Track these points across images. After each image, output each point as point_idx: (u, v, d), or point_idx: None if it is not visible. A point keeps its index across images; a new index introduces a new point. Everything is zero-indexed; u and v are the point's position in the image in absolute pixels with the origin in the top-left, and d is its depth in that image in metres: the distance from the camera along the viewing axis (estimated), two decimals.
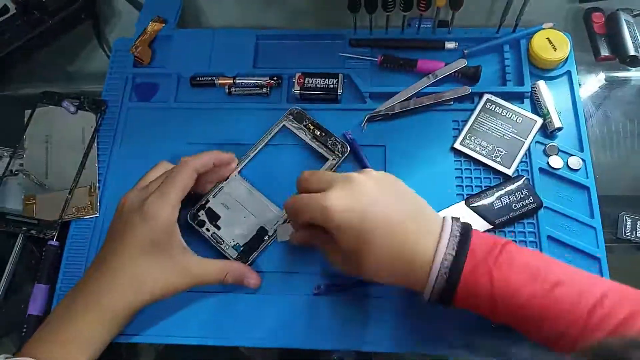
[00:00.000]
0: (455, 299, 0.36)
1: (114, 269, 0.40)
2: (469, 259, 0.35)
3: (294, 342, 0.44)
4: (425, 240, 0.36)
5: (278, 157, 0.51)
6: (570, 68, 0.53)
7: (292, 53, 0.57)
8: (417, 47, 0.56)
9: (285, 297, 0.45)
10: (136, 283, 0.40)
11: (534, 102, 0.52)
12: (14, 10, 0.60)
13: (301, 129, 0.51)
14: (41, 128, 0.55)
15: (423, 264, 0.36)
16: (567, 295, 0.34)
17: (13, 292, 0.50)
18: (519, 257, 0.35)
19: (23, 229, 0.50)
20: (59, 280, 0.48)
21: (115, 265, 0.41)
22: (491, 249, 0.36)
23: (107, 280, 0.40)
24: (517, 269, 0.35)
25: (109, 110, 0.55)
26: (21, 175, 0.53)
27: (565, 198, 0.48)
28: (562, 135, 0.51)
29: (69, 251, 0.49)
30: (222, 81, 0.55)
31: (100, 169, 0.53)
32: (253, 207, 0.48)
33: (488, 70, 0.54)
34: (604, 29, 0.57)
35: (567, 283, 0.34)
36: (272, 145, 0.51)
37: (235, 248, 0.47)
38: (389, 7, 0.52)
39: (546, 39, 0.53)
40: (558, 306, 0.33)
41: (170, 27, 0.59)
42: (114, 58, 0.59)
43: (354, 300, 0.45)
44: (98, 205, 0.51)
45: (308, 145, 0.51)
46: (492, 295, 0.34)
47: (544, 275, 0.35)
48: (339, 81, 0.53)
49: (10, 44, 0.59)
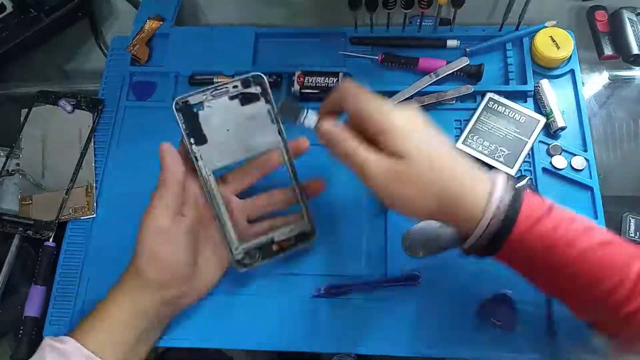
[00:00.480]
0: (509, 242, 0.33)
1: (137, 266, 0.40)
2: (525, 202, 0.33)
3: (293, 345, 0.43)
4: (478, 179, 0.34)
5: None
6: (573, 67, 0.53)
7: (292, 51, 0.56)
8: (418, 46, 0.55)
9: (284, 299, 0.45)
10: (153, 260, 0.39)
11: (537, 101, 0.51)
12: (10, 9, 0.59)
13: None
14: (38, 127, 0.54)
15: (475, 201, 0.33)
16: (618, 253, 0.33)
17: (9, 293, 0.50)
18: (569, 213, 0.34)
19: (19, 230, 0.50)
20: (55, 282, 0.48)
21: (136, 264, 0.40)
22: (543, 201, 0.34)
23: (131, 263, 0.40)
24: (571, 220, 0.33)
25: (106, 109, 0.55)
26: (17, 175, 0.52)
27: (569, 198, 0.48)
28: (565, 134, 0.50)
29: (66, 252, 0.49)
30: (220, 80, 0.54)
31: (97, 168, 0.52)
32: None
33: (490, 69, 0.53)
34: (607, 27, 0.56)
35: (617, 243, 0.33)
36: None
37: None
38: (390, 4, 0.51)
39: (549, 37, 0.52)
40: (612, 261, 0.32)
41: (168, 25, 0.59)
42: (111, 57, 0.58)
43: (353, 303, 0.44)
44: (95, 205, 0.50)
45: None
46: (548, 242, 0.33)
47: (596, 231, 0.34)
48: (339, 80, 0.52)
49: (7, 42, 0.58)
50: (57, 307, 0.47)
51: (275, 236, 0.43)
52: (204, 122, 0.39)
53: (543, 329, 0.43)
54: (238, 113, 0.40)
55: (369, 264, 0.46)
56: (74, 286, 0.47)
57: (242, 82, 0.40)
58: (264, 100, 0.40)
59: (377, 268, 0.46)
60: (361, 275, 0.45)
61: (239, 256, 0.41)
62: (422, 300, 0.44)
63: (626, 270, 0.32)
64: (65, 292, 0.47)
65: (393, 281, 0.45)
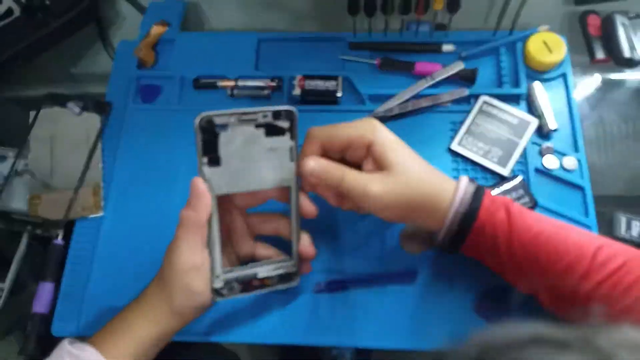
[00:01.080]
0: (472, 234, 0.38)
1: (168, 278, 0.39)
2: (486, 195, 0.39)
3: (293, 339, 0.44)
4: (446, 186, 0.39)
5: None
6: (565, 70, 0.54)
7: (293, 55, 0.58)
8: (415, 50, 0.56)
9: (285, 294, 0.46)
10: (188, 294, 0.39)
11: (529, 104, 0.53)
12: (18, 13, 0.60)
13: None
14: (46, 129, 0.56)
15: (444, 197, 0.38)
16: (575, 235, 0.37)
17: (18, 290, 0.51)
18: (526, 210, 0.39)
19: (28, 228, 0.51)
20: (64, 279, 0.49)
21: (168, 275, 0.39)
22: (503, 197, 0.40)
23: (160, 288, 0.40)
24: (529, 212, 0.39)
25: (113, 111, 0.56)
26: (26, 175, 0.53)
27: (561, 198, 0.49)
28: (557, 136, 0.51)
29: (74, 250, 0.50)
30: (224, 83, 0.56)
31: (105, 169, 0.53)
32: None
33: (485, 73, 0.54)
34: (599, 31, 0.58)
35: (573, 229, 0.38)
36: None
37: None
38: (387, 10, 0.53)
39: (542, 41, 0.53)
40: (568, 242, 0.37)
41: (173, 30, 0.60)
42: (117, 60, 0.60)
43: (352, 298, 0.45)
44: (102, 204, 0.52)
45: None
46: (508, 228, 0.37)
47: (552, 220, 0.39)
48: (338, 83, 0.54)
49: (15, 46, 0.59)
50: (65, 304, 0.48)
51: (259, 272, 0.41)
52: (222, 144, 0.37)
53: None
54: (260, 143, 0.38)
55: (368, 259, 0.47)
56: (82, 283, 0.48)
57: (273, 114, 0.37)
58: (289, 136, 0.38)
59: (376, 264, 0.47)
60: (360, 271, 0.47)
61: (218, 285, 0.39)
62: (420, 295, 0.45)
63: (581, 250, 0.36)
64: (73, 290, 0.48)
65: (391, 276, 0.46)
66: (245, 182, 0.38)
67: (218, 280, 0.39)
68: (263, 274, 0.41)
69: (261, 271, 0.41)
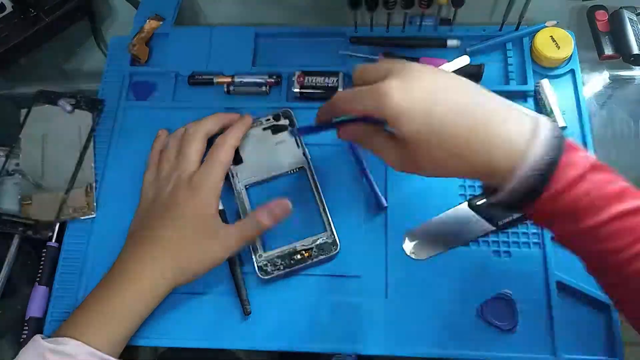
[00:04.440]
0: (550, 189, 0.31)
1: (162, 247, 0.40)
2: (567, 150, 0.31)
3: (293, 345, 0.43)
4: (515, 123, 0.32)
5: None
6: (573, 66, 0.53)
7: (292, 51, 0.56)
8: (418, 45, 0.55)
9: (284, 299, 0.45)
10: (182, 263, 0.39)
11: (537, 101, 0.51)
12: (10, 9, 0.59)
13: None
14: (37, 127, 0.54)
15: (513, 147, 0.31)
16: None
17: (9, 293, 0.50)
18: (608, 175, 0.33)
19: (19, 230, 0.50)
20: (55, 281, 0.48)
21: (162, 243, 0.40)
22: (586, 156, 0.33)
23: (149, 259, 0.39)
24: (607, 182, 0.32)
25: (105, 109, 0.55)
26: (17, 175, 0.52)
27: None
28: (566, 134, 0.50)
29: (66, 252, 0.49)
30: (220, 80, 0.54)
31: (97, 168, 0.52)
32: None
33: (491, 69, 0.53)
34: (607, 27, 0.56)
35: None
36: None
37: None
38: (390, 4, 0.51)
39: (549, 37, 0.52)
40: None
41: (167, 24, 0.58)
42: (110, 56, 0.58)
43: (354, 303, 0.44)
44: (95, 205, 0.50)
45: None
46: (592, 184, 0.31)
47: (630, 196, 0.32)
48: (339, 80, 0.52)
49: (7, 42, 0.58)
50: (57, 307, 0.47)
51: (297, 245, 0.45)
52: (241, 147, 0.49)
53: (543, 329, 0.43)
54: (270, 140, 0.50)
55: (368, 264, 0.46)
56: (74, 286, 0.47)
57: (274, 117, 0.50)
58: (291, 129, 0.50)
59: (377, 268, 0.46)
60: (361, 274, 0.45)
61: (262, 262, 0.44)
62: (423, 301, 0.44)
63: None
64: (64, 292, 0.47)
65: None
66: (266, 171, 0.48)
67: (261, 259, 0.45)
68: (301, 246, 0.45)
69: (299, 245, 0.45)
